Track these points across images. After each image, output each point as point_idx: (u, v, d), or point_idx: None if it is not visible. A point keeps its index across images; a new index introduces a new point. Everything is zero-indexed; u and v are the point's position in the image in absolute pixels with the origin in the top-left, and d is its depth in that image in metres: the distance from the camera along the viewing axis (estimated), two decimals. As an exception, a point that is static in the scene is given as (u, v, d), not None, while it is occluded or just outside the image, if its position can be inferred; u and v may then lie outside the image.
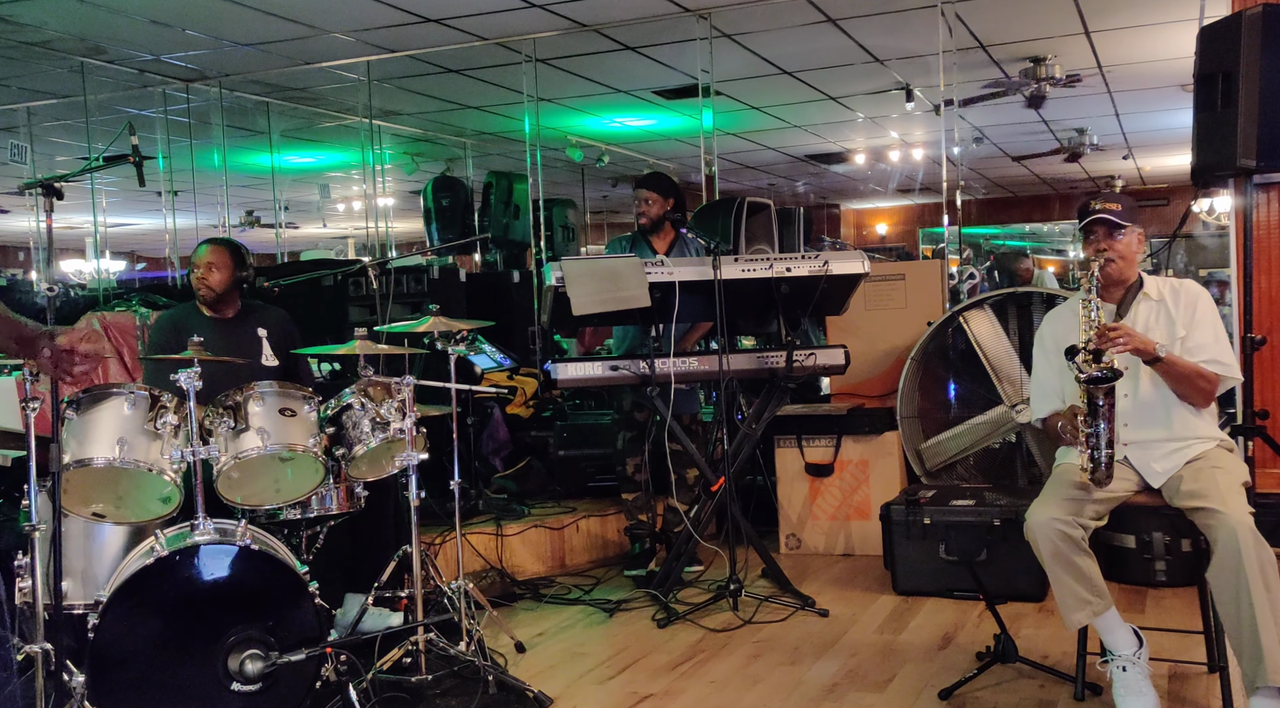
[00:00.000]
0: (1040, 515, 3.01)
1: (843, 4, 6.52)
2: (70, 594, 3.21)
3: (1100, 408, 2.94)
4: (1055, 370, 3.28)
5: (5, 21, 6.31)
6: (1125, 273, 3.23)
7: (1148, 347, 3.02)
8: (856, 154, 12.14)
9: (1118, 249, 3.19)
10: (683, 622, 4.25)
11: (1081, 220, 3.25)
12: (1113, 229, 3.19)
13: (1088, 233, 3.24)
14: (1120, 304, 3.25)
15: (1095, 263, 3.14)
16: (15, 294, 8.66)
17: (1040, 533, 2.99)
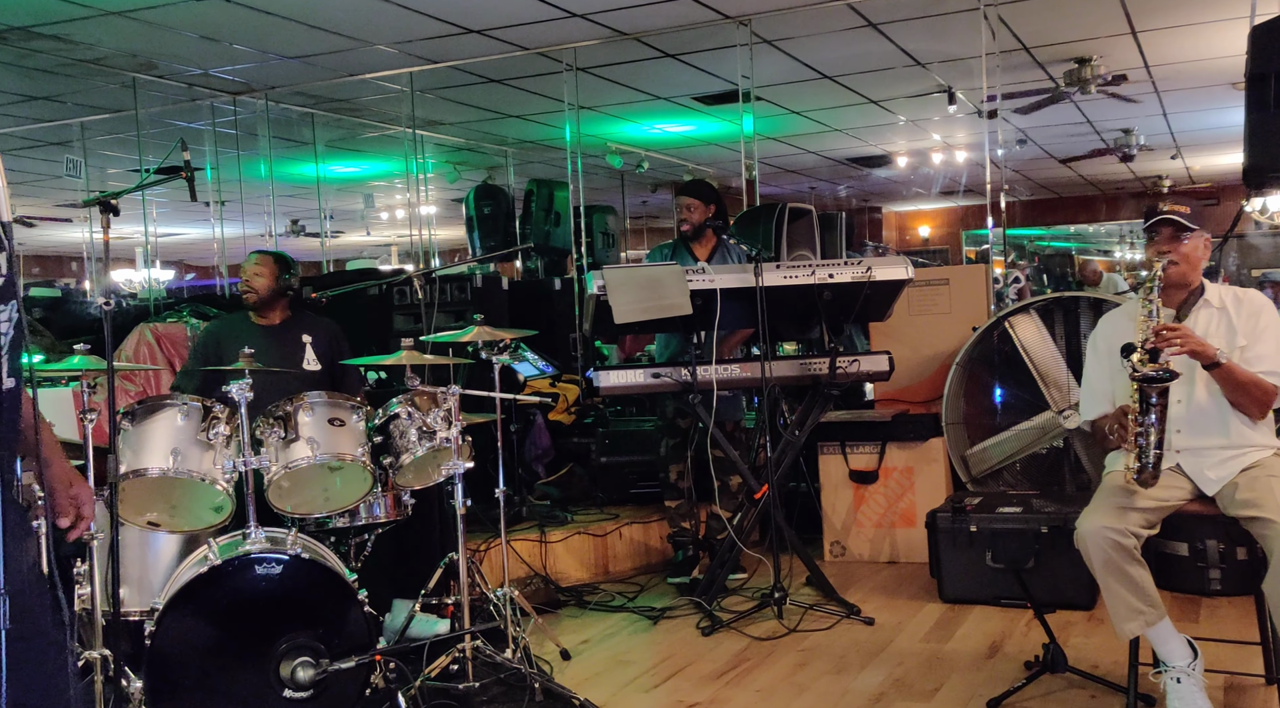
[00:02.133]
0: (1091, 524, 2.97)
1: (884, 8, 6.49)
2: (127, 601, 3.28)
3: (1152, 407, 2.90)
4: (1106, 373, 3.24)
5: (61, 40, 6.46)
6: (1188, 277, 3.17)
7: (1206, 350, 2.96)
8: (898, 157, 12.06)
9: (1182, 252, 3.13)
10: (727, 630, 4.25)
11: (1148, 220, 3.18)
12: (1179, 231, 3.13)
13: (1152, 233, 3.17)
14: (1180, 308, 3.20)
15: (1158, 264, 3.09)
16: (69, 304, 8.85)
17: (1091, 542, 2.96)
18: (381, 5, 6.03)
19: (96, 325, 7.14)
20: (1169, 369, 2.88)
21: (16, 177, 10.65)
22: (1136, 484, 2.97)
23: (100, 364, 3.16)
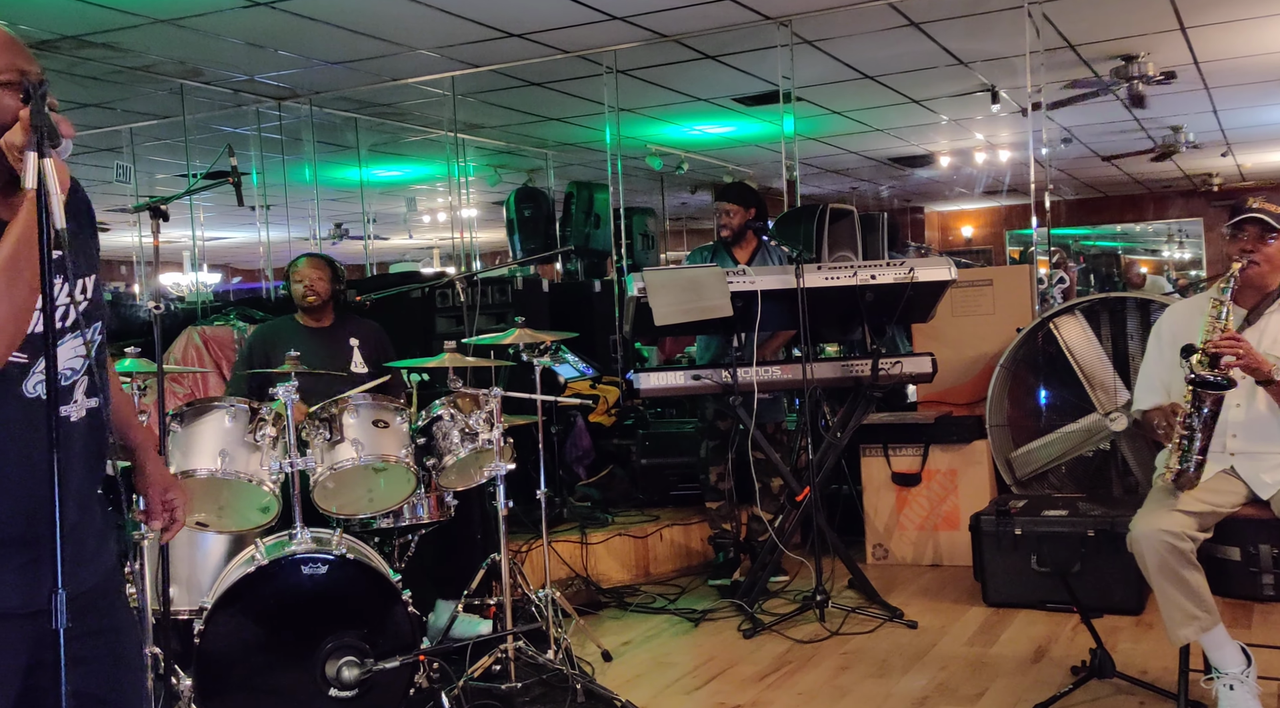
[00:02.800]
0: (1146, 527, 2.93)
1: (926, 7, 6.44)
2: (176, 600, 3.33)
3: (1203, 412, 2.85)
4: (1166, 365, 3.16)
5: (110, 48, 6.58)
6: (1267, 279, 3.08)
7: (1262, 367, 2.88)
8: (941, 157, 11.96)
9: (1266, 253, 3.03)
10: (769, 632, 4.24)
11: (1233, 217, 3.08)
12: (1265, 231, 3.03)
13: (1237, 230, 3.06)
14: (1252, 310, 3.11)
15: (1237, 263, 3.02)
16: (120, 308, 9.00)
17: (1146, 545, 2.91)
18: (424, 10, 6.08)
19: (146, 328, 7.24)
20: (1228, 377, 2.81)
21: (68, 183, 10.85)
22: (1174, 485, 2.93)
23: (150, 367, 3.22)
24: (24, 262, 1.57)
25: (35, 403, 1.69)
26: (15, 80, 1.65)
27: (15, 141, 1.58)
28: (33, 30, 6.16)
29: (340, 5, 5.93)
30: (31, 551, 1.66)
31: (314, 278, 4.26)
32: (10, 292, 1.57)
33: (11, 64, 1.65)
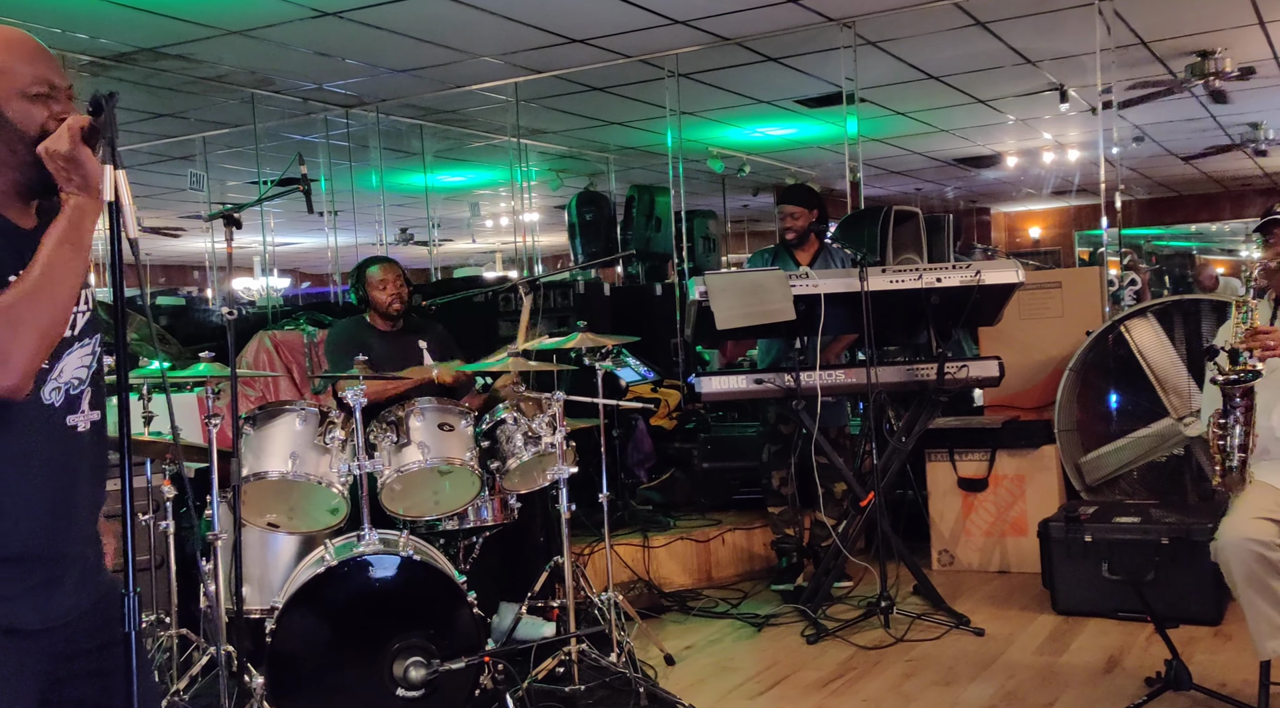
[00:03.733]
0: (1233, 536, 2.86)
1: (992, 6, 6.34)
2: (248, 600, 3.42)
3: (1234, 410, 2.81)
4: None
5: (185, 59, 6.76)
6: None
7: None
8: (1007, 157, 11.77)
9: None
10: (833, 638, 4.20)
11: (1263, 219, 3.08)
12: None
13: (1266, 235, 3.06)
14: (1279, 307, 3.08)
15: (1255, 268, 2.99)
16: (193, 312, 9.22)
17: (1233, 554, 2.84)
18: (488, 18, 6.15)
19: (218, 333, 7.40)
20: (1251, 369, 2.77)
21: (143, 190, 11.16)
22: (1223, 487, 2.89)
23: (224, 371, 3.30)
24: (62, 268, 1.59)
25: (49, 410, 1.69)
26: (45, 93, 1.67)
27: (60, 149, 1.60)
28: (111, 44, 6.36)
29: (406, 14, 6.03)
30: (50, 567, 1.67)
31: (397, 284, 4.29)
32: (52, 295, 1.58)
33: (43, 77, 1.68)
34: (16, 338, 1.53)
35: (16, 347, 1.54)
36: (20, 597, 1.66)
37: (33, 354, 1.57)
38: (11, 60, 1.65)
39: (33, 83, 1.66)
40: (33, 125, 1.65)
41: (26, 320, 1.54)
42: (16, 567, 1.66)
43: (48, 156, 1.62)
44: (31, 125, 1.65)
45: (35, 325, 1.56)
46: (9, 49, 1.67)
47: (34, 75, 1.66)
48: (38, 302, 1.56)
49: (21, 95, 1.65)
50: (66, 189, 1.63)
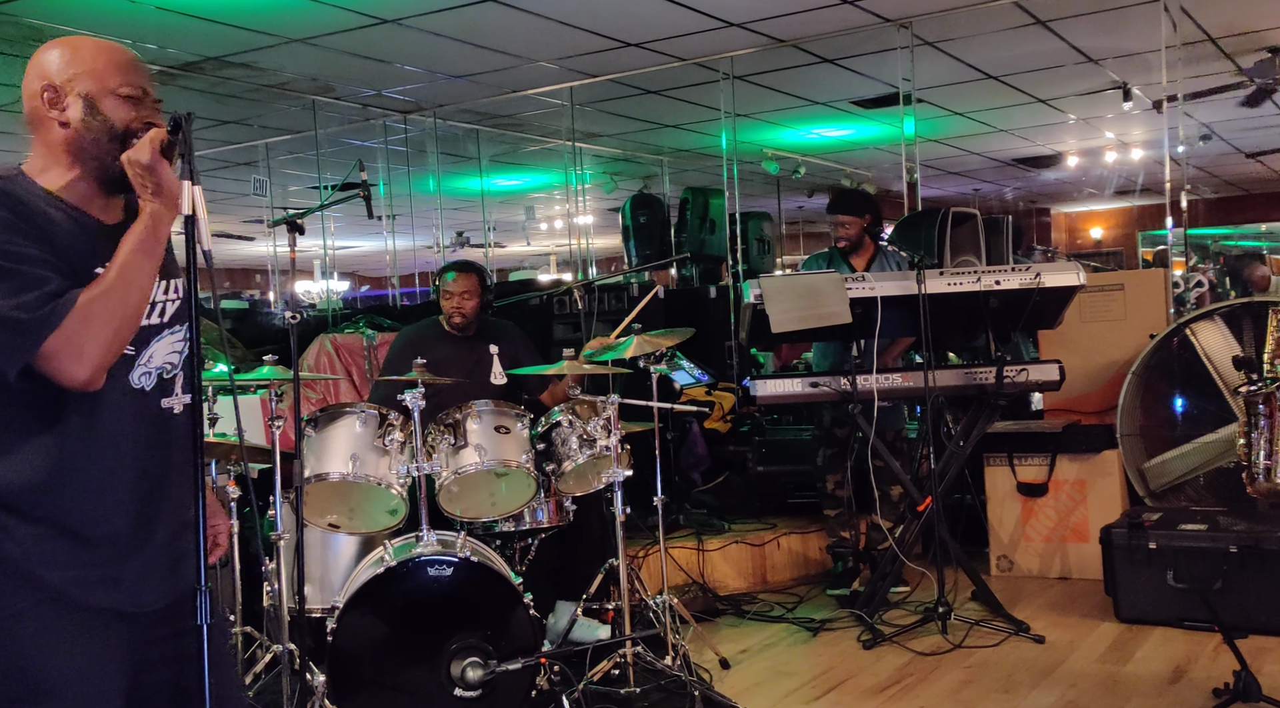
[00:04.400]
0: None
1: (1054, 5, 6.25)
2: (310, 599, 3.47)
3: (1255, 418, 2.77)
4: None
5: (249, 67, 6.90)
6: None
7: None
8: (1068, 157, 11.57)
9: None
10: (889, 644, 4.17)
11: None
12: None
13: None
14: None
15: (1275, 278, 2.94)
16: (256, 315, 9.40)
17: None
18: (544, 23, 6.19)
19: (280, 336, 7.55)
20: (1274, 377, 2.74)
21: (209, 196, 11.14)
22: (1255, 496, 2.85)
23: (287, 374, 3.36)
24: (136, 271, 1.70)
25: (139, 395, 1.80)
26: (138, 96, 1.80)
27: (141, 159, 1.72)
28: (179, 53, 6.51)
29: (464, 21, 6.09)
30: (146, 551, 1.76)
31: (463, 297, 4.21)
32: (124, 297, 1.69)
33: (137, 82, 1.81)
34: (90, 334, 1.65)
35: (89, 342, 1.65)
36: (114, 578, 1.74)
37: (104, 350, 1.67)
38: (111, 65, 1.79)
39: (125, 85, 1.79)
40: (121, 121, 1.78)
41: (100, 319, 1.65)
42: (110, 548, 1.75)
43: (128, 165, 1.73)
44: (120, 121, 1.78)
45: (108, 324, 1.66)
46: (110, 56, 1.81)
47: (127, 79, 1.80)
48: (112, 302, 1.67)
49: (115, 94, 1.78)
50: (143, 197, 1.74)
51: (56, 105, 1.77)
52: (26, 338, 1.62)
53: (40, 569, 1.69)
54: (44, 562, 1.69)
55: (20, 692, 1.68)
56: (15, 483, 1.69)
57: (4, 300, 1.62)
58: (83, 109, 1.76)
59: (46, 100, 1.77)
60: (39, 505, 1.69)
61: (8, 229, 1.66)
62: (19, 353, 1.63)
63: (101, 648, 1.73)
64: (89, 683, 1.71)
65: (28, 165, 1.80)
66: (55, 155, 1.78)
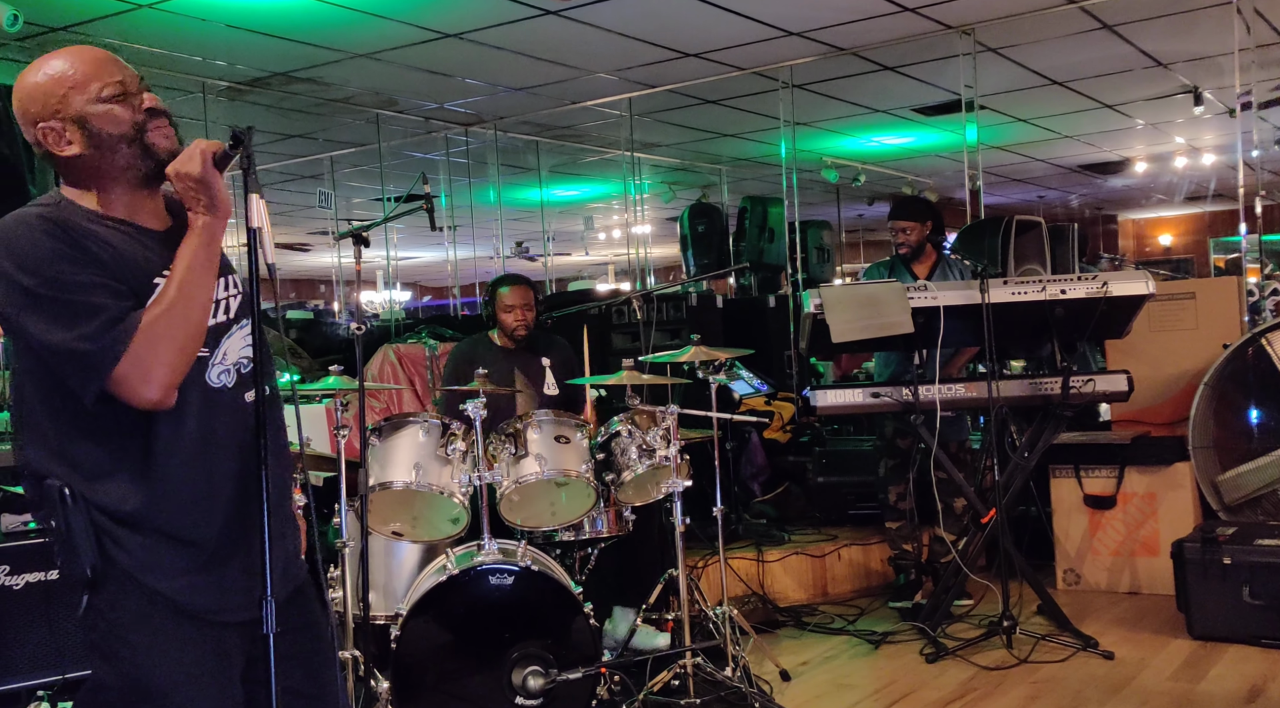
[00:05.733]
0: None
1: (1121, 9, 6.14)
2: (374, 606, 3.52)
3: None
4: None
5: (315, 82, 7.04)
6: None
7: None
8: (1136, 162, 11.35)
9: None
10: (953, 657, 4.11)
11: None
12: None
13: None
14: None
15: None
16: (321, 326, 9.54)
17: None
18: (604, 35, 6.23)
19: (344, 345, 7.70)
20: None
21: (275, 208, 11.59)
22: None
23: (352, 384, 3.42)
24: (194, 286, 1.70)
25: (221, 393, 1.80)
26: (118, 91, 1.75)
27: (191, 171, 1.70)
28: (247, 69, 6.66)
29: (524, 34, 6.16)
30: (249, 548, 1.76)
31: (524, 309, 4.31)
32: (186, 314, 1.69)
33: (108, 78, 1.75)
34: (157, 355, 1.65)
35: (156, 363, 1.65)
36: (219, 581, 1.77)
37: (171, 369, 1.68)
38: (76, 75, 1.74)
39: (102, 88, 1.74)
40: (122, 124, 1.74)
41: (165, 338, 1.66)
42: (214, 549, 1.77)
43: (177, 178, 1.72)
44: (121, 124, 1.74)
45: (173, 343, 1.67)
46: (73, 63, 1.75)
47: (101, 81, 1.74)
48: (174, 321, 1.67)
49: (100, 101, 1.73)
50: (195, 210, 1.73)
51: (59, 142, 1.74)
52: (95, 367, 1.64)
53: (150, 578, 1.72)
54: (153, 570, 1.72)
55: (137, 696, 1.72)
56: (119, 497, 1.71)
57: (67, 332, 1.63)
58: (82, 135, 1.73)
59: (49, 142, 1.74)
60: (144, 516, 1.72)
61: (60, 259, 1.65)
62: (90, 382, 1.65)
63: (214, 652, 1.76)
64: (202, 687, 1.74)
65: (66, 191, 1.79)
66: (84, 180, 1.77)
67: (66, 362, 1.66)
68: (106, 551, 1.71)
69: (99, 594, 1.71)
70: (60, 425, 1.73)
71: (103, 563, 1.70)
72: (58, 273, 1.65)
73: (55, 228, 1.68)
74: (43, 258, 1.65)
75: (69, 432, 1.72)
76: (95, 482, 1.71)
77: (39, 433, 1.75)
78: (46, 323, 1.64)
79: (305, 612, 1.89)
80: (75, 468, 1.72)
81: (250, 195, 1.69)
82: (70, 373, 1.67)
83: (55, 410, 1.72)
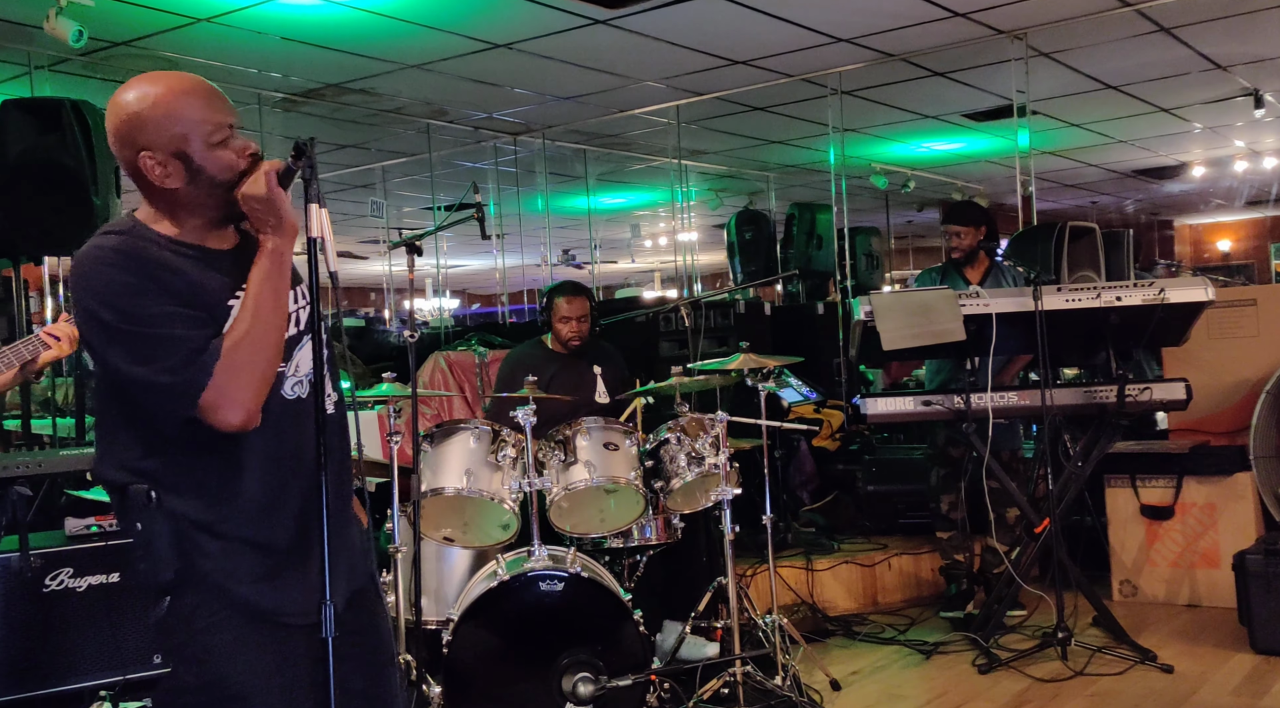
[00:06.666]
0: None
1: (1178, 11, 6.04)
2: (425, 611, 3.55)
3: None
4: None
5: (367, 93, 7.14)
6: None
7: None
8: (1194, 167, 11.14)
9: None
10: (1006, 669, 4.06)
11: None
12: None
13: None
14: None
15: None
16: (372, 333, 9.68)
17: None
18: (652, 44, 6.26)
19: (395, 353, 7.79)
20: None
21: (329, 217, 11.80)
22: None
23: (405, 391, 3.46)
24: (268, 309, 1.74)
25: (295, 403, 1.84)
26: (226, 135, 1.77)
27: (258, 193, 1.73)
28: (301, 81, 6.77)
29: (572, 44, 6.20)
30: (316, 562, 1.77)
31: (580, 320, 4.33)
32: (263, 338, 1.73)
33: (220, 121, 1.77)
34: (238, 381, 1.70)
35: (238, 389, 1.70)
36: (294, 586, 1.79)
37: (254, 393, 1.73)
38: (193, 111, 1.75)
39: (214, 131, 1.76)
40: (223, 170, 1.77)
41: (246, 365, 1.71)
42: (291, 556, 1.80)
43: (244, 200, 1.75)
44: (222, 170, 1.77)
45: (254, 368, 1.72)
46: (188, 99, 1.76)
47: (214, 123, 1.76)
48: (253, 346, 1.72)
49: (207, 144, 1.76)
50: (263, 230, 1.77)
51: (160, 175, 1.75)
52: (181, 399, 1.68)
53: (230, 583, 1.76)
54: (233, 576, 1.76)
55: (216, 697, 1.76)
56: (199, 505, 1.76)
57: (149, 366, 1.67)
58: (184, 172, 1.75)
59: (146, 168, 1.75)
60: (223, 524, 1.76)
61: (134, 293, 1.69)
62: (175, 413, 1.70)
63: (283, 656, 1.79)
64: (278, 691, 1.77)
65: (141, 213, 1.82)
66: (167, 208, 1.79)
67: (148, 393, 1.71)
68: (188, 556, 1.75)
69: (180, 599, 1.76)
70: (142, 439, 1.77)
71: (184, 568, 1.75)
72: (134, 307, 1.69)
73: (129, 261, 1.72)
74: (119, 293, 1.69)
75: (151, 445, 1.77)
76: (176, 492, 1.76)
77: (120, 445, 1.79)
78: (128, 357, 1.69)
79: (367, 614, 1.92)
80: (157, 479, 1.76)
81: (310, 205, 1.73)
82: (153, 403, 1.72)
83: (136, 426, 1.77)
